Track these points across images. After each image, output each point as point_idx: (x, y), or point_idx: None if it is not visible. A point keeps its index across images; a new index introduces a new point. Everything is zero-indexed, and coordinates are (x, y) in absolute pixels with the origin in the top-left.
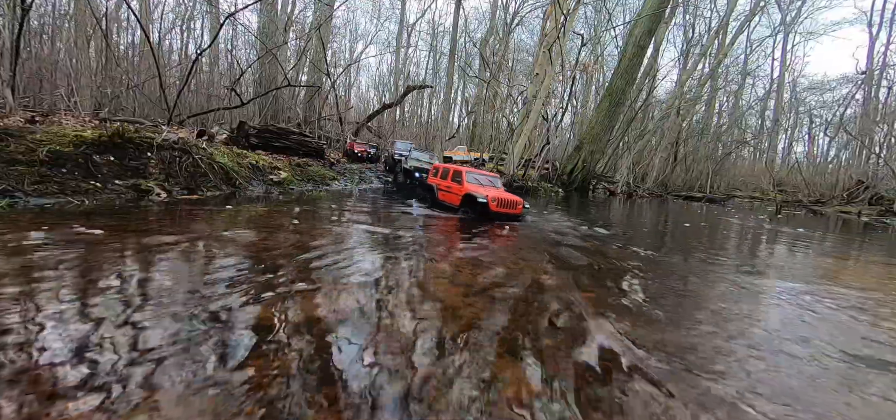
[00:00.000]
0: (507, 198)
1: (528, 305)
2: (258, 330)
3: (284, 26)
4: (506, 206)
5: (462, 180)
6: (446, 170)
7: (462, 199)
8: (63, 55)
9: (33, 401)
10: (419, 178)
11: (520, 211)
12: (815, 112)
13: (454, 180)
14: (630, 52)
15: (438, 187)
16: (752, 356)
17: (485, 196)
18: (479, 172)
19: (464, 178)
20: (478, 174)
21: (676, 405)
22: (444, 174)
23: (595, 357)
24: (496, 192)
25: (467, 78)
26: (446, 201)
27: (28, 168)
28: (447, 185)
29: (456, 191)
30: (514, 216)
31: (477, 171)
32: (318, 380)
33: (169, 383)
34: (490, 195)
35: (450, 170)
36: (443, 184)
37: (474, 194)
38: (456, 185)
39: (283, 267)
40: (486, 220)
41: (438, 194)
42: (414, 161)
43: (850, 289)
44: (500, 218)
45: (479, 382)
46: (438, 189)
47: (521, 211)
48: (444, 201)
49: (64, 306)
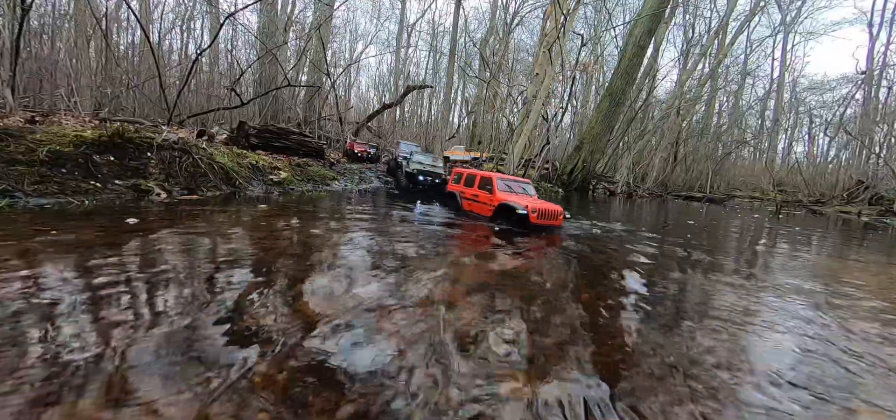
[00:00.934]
0: (548, 208)
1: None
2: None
3: (284, 26)
4: (547, 216)
5: (493, 188)
6: (472, 176)
7: (496, 210)
8: (63, 55)
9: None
10: (423, 181)
11: (561, 222)
12: (815, 112)
13: (483, 188)
14: (630, 52)
15: (463, 195)
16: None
17: (524, 206)
18: (510, 178)
19: (495, 185)
20: (509, 180)
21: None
22: (470, 181)
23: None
24: (534, 202)
25: (467, 78)
26: (474, 211)
27: (28, 168)
28: (474, 193)
29: (486, 200)
30: (555, 228)
31: (508, 178)
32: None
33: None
34: (529, 205)
35: (476, 176)
36: (468, 191)
37: (512, 205)
38: (486, 194)
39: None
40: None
41: (463, 203)
42: (416, 164)
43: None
44: (541, 230)
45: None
46: (463, 197)
47: (562, 222)
48: (470, 211)
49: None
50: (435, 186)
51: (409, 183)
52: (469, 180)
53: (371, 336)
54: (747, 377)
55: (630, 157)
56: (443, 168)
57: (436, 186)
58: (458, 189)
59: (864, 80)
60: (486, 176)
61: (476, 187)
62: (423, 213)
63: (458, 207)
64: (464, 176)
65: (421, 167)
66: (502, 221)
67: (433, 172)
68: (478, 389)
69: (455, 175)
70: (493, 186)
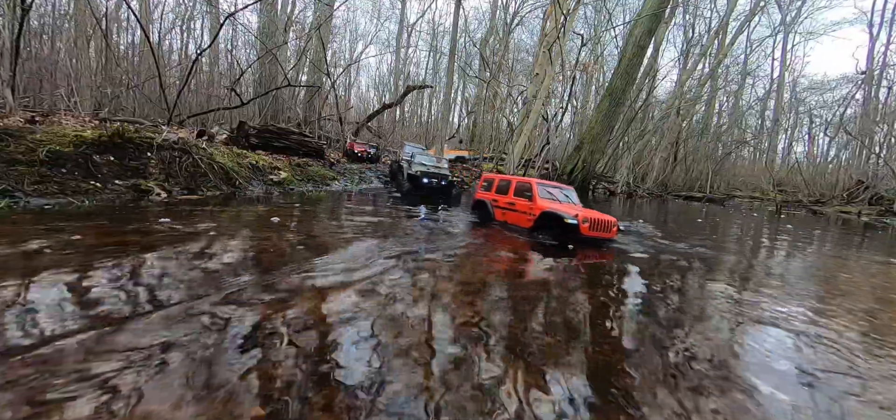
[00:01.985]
0: (601, 217)
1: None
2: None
3: (284, 26)
4: (600, 227)
5: (533, 195)
6: (506, 182)
7: (537, 220)
8: (63, 55)
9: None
10: (428, 184)
11: (614, 234)
12: (815, 112)
13: (520, 195)
14: (630, 52)
15: (495, 204)
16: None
17: (574, 215)
18: (550, 184)
19: (535, 191)
20: (550, 186)
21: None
22: (504, 187)
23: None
24: (584, 210)
25: (467, 78)
26: (509, 221)
27: (28, 168)
28: (509, 201)
29: (525, 208)
30: (607, 241)
31: (548, 183)
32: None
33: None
34: (580, 214)
35: (511, 182)
36: (502, 199)
37: (558, 213)
38: (524, 202)
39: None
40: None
41: (496, 213)
42: (419, 165)
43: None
44: (592, 243)
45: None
46: (495, 206)
47: (615, 234)
48: (505, 221)
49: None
50: (441, 190)
51: (411, 186)
52: (502, 187)
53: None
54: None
55: (630, 157)
56: (448, 170)
57: (442, 190)
58: (489, 197)
59: (864, 80)
60: (523, 181)
61: (511, 194)
62: (433, 219)
63: (487, 216)
64: (495, 182)
65: (424, 169)
66: (545, 233)
67: (438, 174)
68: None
69: (484, 181)
70: (533, 193)
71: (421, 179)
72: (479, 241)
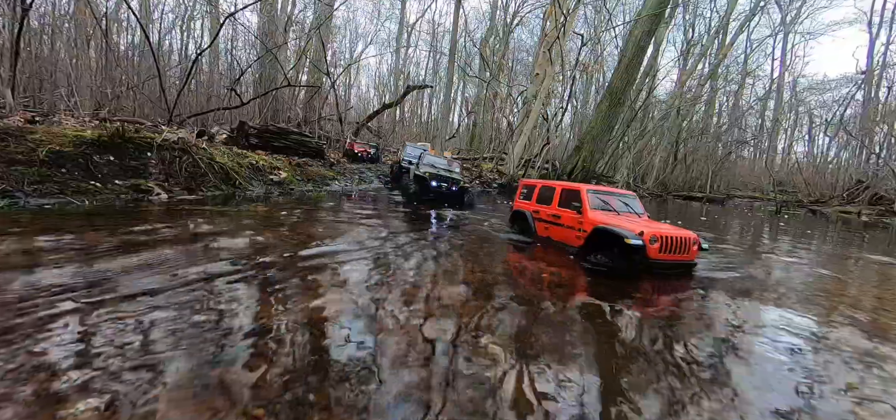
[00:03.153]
0: (676, 234)
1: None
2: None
3: (284, 26)
4: (676, 248)
5: (583, 205)
6: (548, 189)
7: (588, 239)
8: (63, 55)
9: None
10: (438, 188)
11: (694, 255)
12: (815, 112)
13: (567, 205)
14: (630, 52)
15: (536, 216)
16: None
17: (638, 234)
18: (605, 190)
19: (585, 200)
20: (604, 192)
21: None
22: (546, 196)
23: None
24: (652, 224)
25: (467, 78)
26: (554, 238)
27: (28, 168)
28: (552, 212)
29: (572, 222)
30: (687, 264)
31: (602, 189)
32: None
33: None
34: (646, 231)
35: (555, 189)
36: (544, 210)
37: (617, 231)
38: (571, 214)
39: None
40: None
41: (537, 226)
42: (428, 167)
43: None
44: (666, 268)
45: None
46: (536, 218)
47: (696, 255)
48: (548, 238)
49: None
50: (452, 195)
51: (418, 189)
52: (545, 195)
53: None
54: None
55: (630, 157)
56: (459, 173)
57: (452, 195)
58: (530, 207)
59: (864, 80)
60: (569, 188)
61: (555, 204)
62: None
63: (527, 231)
64: (537, 189)
65: (434, 171)
66: (599, 257)
67: (449, 178)
68: None
69: (524, 188)
70: (582, 202)
71: (429, 182)
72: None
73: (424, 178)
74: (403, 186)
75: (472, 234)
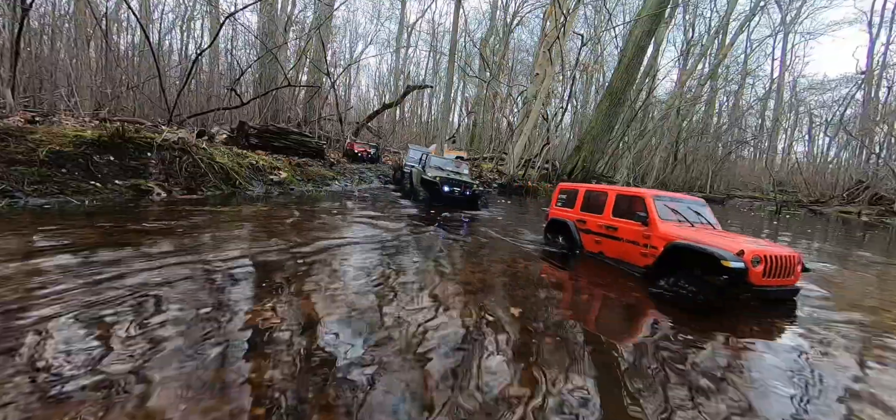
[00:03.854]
0: (780, 254)
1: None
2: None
3: (284, 26)
4: (781, 270)
5: (651, 216)
6: (597, 195)
7: (661, 258)
8: (63, 55)
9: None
10: (450, 193)
11: (797, 279)
12: (815, 112)
13: (627, 215)
14: (630, 52)
15: (582, 226)
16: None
17: (737, 253)
18: (669, 195)
19: (653, 209)
20: (670, 199)
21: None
22: (595, 203)
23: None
24: (749, 241)
25: (467, 78)
26: (608, 254)
27: (28, 168)
28: (605, 223)
29: (635, 236)
30: (792, 290)
31: (666, 193)
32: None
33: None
34: (748, 249)
35: (607, 195)
36: (593, 220)
37: (706, 249)
38: (633, 227)
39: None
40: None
41: (584, 239)
42: (436, 169)
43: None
44: (769, 296)
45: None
46: (582, 229)
47: (799, 277)
48: (600, 254)
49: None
50: (464, 200)
51: (427, 194)
52: (593, 201)
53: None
54: None
55: (630, 157)
56: (469, 175)
57: (465, 200)
58: (572, 215)
59: (864, 80)
60: (629, 193)
61: (608, 213)
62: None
63: (570, 243)
64: (580, 194)
65: (444, 174)
66: (678, 281)
67: (461, 181)
68: None
69: (563, 193)
70: (649, 211)
71: (441, 187)
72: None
73: (434, 182)
74: (408, 191)
75: (498, 244)
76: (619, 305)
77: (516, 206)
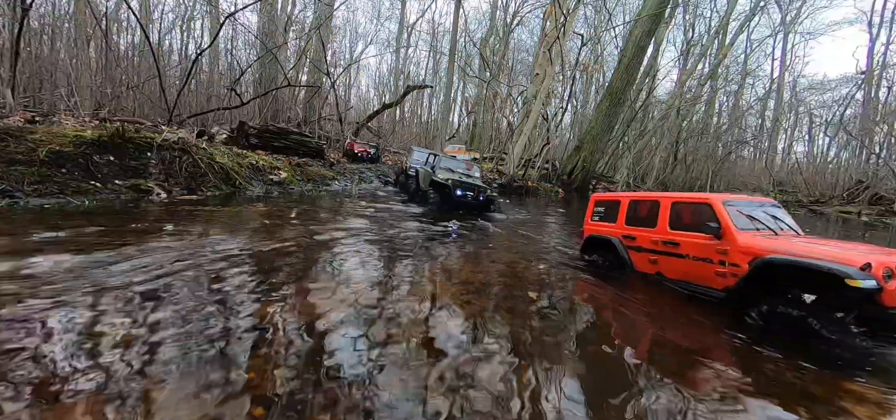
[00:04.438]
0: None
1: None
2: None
3: (284, 26)
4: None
5: (724, 224)
6: (646, 205)
7: (747, 278)
8: (63, 55)
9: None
10: (462, 197)
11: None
12: (815, 112)
13: (689, 226)
14: (630, 52)
15: (630, 242)
16: None
17: (862, 267)
18: (741, 199)
19: (726, 218)
20: (743, 204)
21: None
22: (644, 215)
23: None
24: (871, 251)
25: (467, 78)
26: (669, 275)
27: (28, 168)
28: (661, 237)
29: (706, 252)
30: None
31: (738, 198)
32: None
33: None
34: (877, 261)
35: (659, 204)
36: (645, 234)
37: (822, 266)
38: (699, 240)
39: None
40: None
41: (634, 258)
42: (446, 171)
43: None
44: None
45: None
46: (631, 246)
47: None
48: (658, 273)
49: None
50: (478, 205)
51: (436, 196)
52: (640, 213)
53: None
54: None
55: (630, 157)
56: (481, 179)
57: (479, 205)
58: (615, 230)
59: (864, 80)
60: (687, 199)
61: (664, 225)
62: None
63: (617, 262)
64: (623, 206)
65: (457, 178)
66: (775, 308)
67: (474, 185)
68: None
69: (598, 206)
70: (721, 219)
71: (453, 191)
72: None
73: (446, 186)
74: (415, 192)
75: (523, 258)
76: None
77: (526, 209)
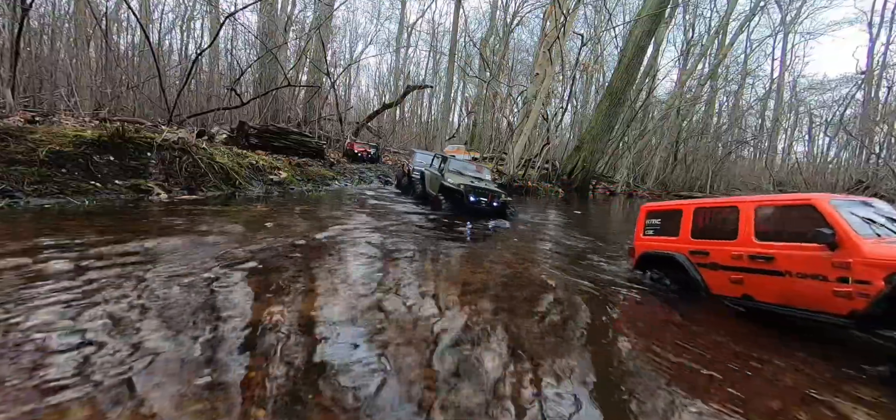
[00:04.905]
0: None
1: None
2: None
3: (284, 26)
4: None
5: (840, 230)
6: (719, 214)
7: (888, 298)
8: (63, 55)
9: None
10: (476, 203)
11: None
12: (815, 112)
13: (784, 236)
14: (630, 52)
15: (702, 259)
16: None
17: None
18: (846, 198)
19: (842, 222)
20: (855, 203)
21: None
22: (715, 225)
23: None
24: None
25: (467, 78)
26: (761, 298)
27: (28, 168)
28: (745, 251)
29: (813, 267)
30: None
31: (845, 197)
32: None
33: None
34: None
35: (738, 210)
36: (721, 249)
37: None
38: (802, 252)
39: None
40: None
41: (708, 279)
42: (455, 175)
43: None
44: None
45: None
46: (702, 265)
47: None
48: (746, 296)
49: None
50: (492, 211)
51: (447, 202)
52: (710, 222)
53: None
54: None
55: (630, 157)
56: (494, 183)
57: (493, 211)
58: (678, 246)
59: (864, 80)
60: (778, 202)
61: (748, 236)
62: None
63: (687, 282)
64: (686, 215)
65: (469, 182)
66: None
67: (488, 190)
68: None
69: (651, 217)
70: (837, 225)
71: (467, 197)
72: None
73: (458, 191)
74: (420, 195)
75: (572, 279)
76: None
77: (531, 209)
